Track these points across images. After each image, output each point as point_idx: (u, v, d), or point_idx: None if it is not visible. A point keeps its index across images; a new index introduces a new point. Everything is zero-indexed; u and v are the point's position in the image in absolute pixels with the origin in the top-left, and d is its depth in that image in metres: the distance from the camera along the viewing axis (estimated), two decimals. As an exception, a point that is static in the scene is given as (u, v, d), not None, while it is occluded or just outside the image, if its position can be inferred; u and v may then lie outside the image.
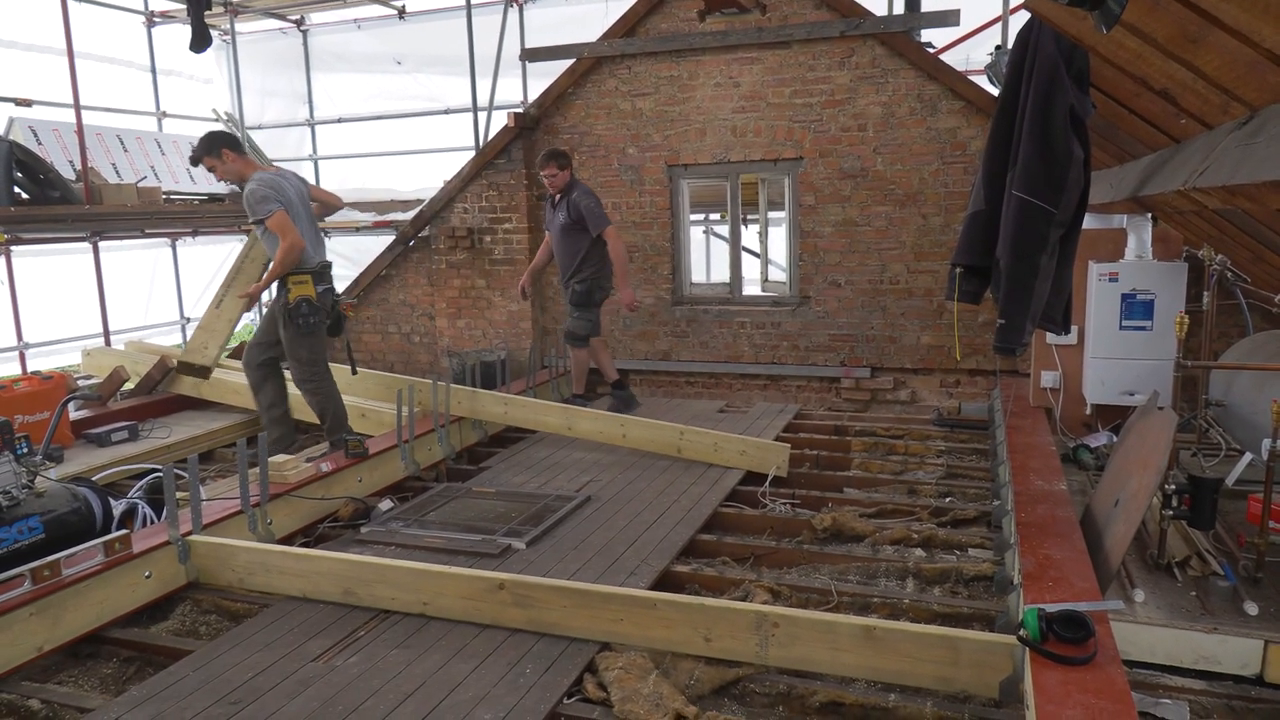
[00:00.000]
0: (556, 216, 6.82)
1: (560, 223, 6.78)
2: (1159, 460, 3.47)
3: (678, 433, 5.96)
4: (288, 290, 5.51)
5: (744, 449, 5.73)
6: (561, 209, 6.76)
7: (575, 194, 6.72)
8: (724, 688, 3.28)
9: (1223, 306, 5.89)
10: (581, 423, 6.30)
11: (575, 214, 6.69)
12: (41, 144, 8.35)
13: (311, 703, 3.11)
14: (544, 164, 6.76)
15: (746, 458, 5.71)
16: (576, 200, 6.69)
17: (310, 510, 4.87)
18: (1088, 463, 5.37)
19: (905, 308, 7.39)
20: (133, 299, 10.05)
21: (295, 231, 5.41)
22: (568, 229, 6.76)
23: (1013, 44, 4.06)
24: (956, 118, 7.03)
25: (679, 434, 5.95)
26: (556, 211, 6.82)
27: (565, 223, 6.74)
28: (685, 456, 5.88)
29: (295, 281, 5.51)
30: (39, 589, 3.51)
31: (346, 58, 11.06)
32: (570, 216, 6.71)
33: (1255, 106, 2.64)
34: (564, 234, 6.80)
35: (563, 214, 6.74)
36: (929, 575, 4.15)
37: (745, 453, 5.72)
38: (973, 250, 4.17)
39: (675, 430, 5.99)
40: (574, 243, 6.80)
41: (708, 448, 5.84)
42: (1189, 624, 3.45)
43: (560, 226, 6.79)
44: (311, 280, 5.57)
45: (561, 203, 6.77)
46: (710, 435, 5.87)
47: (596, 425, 6.26)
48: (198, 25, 6.73)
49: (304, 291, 5.51)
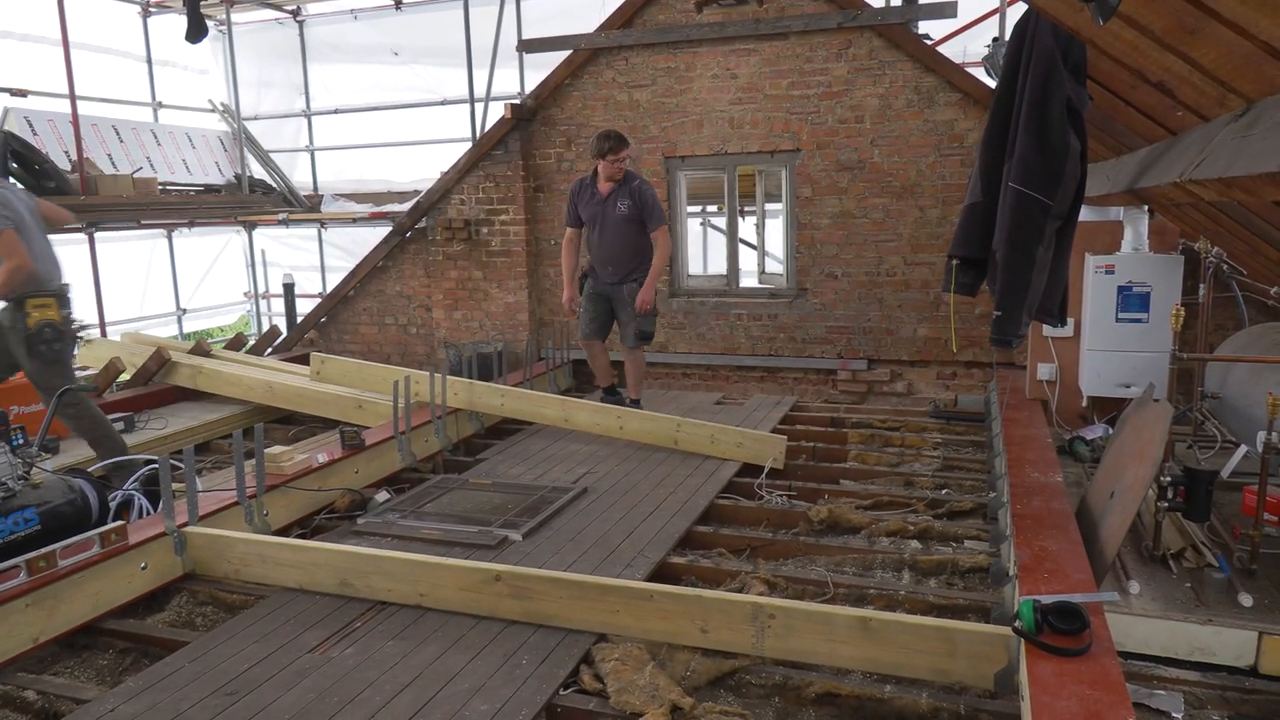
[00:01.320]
0: (613, 207, 6.21)
1: (621, 214, 6.20)
2: (1154, 452, 3.48)
3: (674, 425, 5.96)
4: (26, 315, 5.02)
5: (740, 441, 5.73)
6: (622, 198, 6.18)
7: (637, 182, 6.23)
8: (720, 679, 3.29)
9: (1219, 299, 5.91)
10: (579, 415, 6.30)
11: (640, 202, 6.17)
12: (37, 134, 8.32)
13: (308, 694, 3.11)
14: (618, 146, 6.07)
15: (743, 450, 5.71)
16: (640, 189, 6.20)
17: (307, 502, 4.86)
18: (1083, 455, 5.38)
19: (902, 300, 7.39)
20: (128, 290, 10.02)
21: (24, 253, 4.93)
22: (629, 220, 6.22)
23: (1010, 36, 4.05)
24: (954, 110, 7.02)
25: (676, 426, 5.95)
26: (611, 201, 6.21)
27: (627, 213, 6.19)
28: (682, 449, 5.88)
29: (36, 305, 5.04)
30: (35, 580, 3.51)
31: (343, 48, 11.02)
32: (635, 206, 6.18)
33: (1251, 99, 2.64)
34: (623, 225, 6.24)
35: (624, 203, 6.17)
36: (925, 567, 4.16)
37: (742, 445, 5.72)
38: (969, 242, 4.17)
39: (672, 422, 5.98)
40: (634, 235, 6.27)
41: (704, 440, 5.83)
42: (1184, 615, 3.46)
43: (620, 218, 6.21)
44: (55, 303, 5.12)
45: (620, 191, 6.19)
46: (707, 427, 5.87)
47: (594, 417, 6.26)
48: (193, 15, 6.72)
49: (47, 315, 5.06)
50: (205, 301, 11.25)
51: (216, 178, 10.51)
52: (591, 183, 6.32)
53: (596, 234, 6.37)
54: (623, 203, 6.20)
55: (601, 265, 6.44)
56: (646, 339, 6.53)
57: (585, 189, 6.37)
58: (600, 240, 6.36)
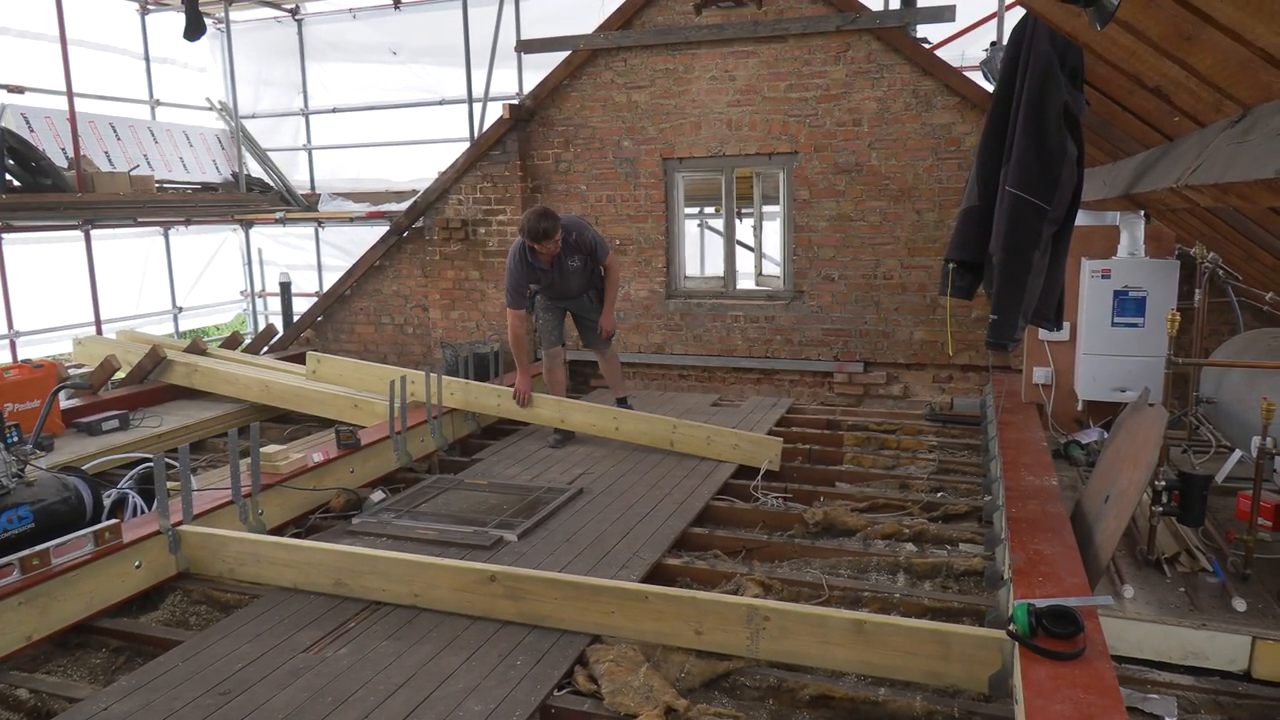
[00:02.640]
0: (567, 267, 6.07)
1: (574, 268, 6.10)
2: (1149, 457, 3.48)
3: (670, 426, 5.96)
4: None
5: (737, 443, 5.74)
6: (570, 257, 6.03)
7: (574, 236, 5.99)
8: (714, 681, 3.29)
9: (1214, 304, 5.91)
10: (575, 415, 6.29)
11: (588, 248, 6.08)
12: (34, 131, 8.30)
13: (301, 694, 3.11)
14: (550, 233, 5.73)
15: (739, 451, 5.71)
16: (579, 240, 6.02)
17: (302, 501, 4.86)
18: (1079, 459, 5.39)
19: (899, 303, 7.40)
20: (125, 288, 10.00)
21: None
22: (582, 269, 6.16)
23: (1008, 40, 4.06)
24: (951, 113, 7.03)
25: (672, 427, 5.95)
26: (558, 263, 6.03)
27: (580, 265, 6.11)
28: (678, 450, 5.88)
29: None
30: (28, 578, 3.50)
31: (342, 47, 11.01)
32: (583, 256, 6.09)
33: (1247, 105, 2.65)
34: (579, 274, 6.17)
35: (574, 260, 6.06)
36: (920, 570, 4.16)
37: (738, 446, 5.72)
38: (966, 246, 4.18)
39: (668, 424, 5.98)
40: (592, 273, 6.29)
41: (700, 441, 5.84)
42: (1177, 620, 3.47)
43: (575, 270, 6.11)
44: None
45: (565, 252, 5.99)
46: (703, 429, 5.87)
47: (589, 418, 6.25)
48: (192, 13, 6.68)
49: None
50: (201, 300, 11.23)
51: (214, 176, 10.49)
52: (533, 256, 5.96)
53: (556, 288, 6.24)
54: (572, 260, 6.07)
55: (560, 300, 6.37)
56: (612, 336, 6.58)
57: (529, 266, 6.01)
58: (562, 290, 6.26)
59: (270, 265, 11.39)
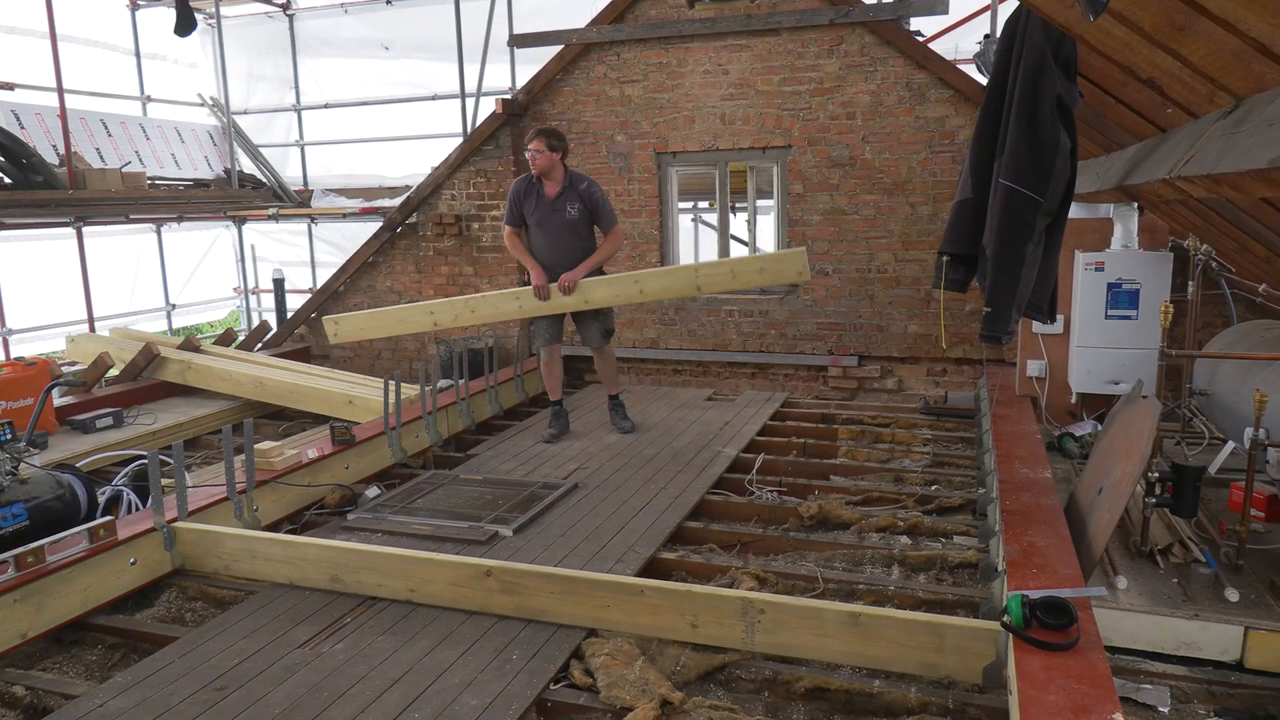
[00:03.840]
0: (560, 210, 6.04)
1: (571, 217, 6.03)
2: (1143, 448, 3.49)
3: (694, 272, 6.01)
4: None
5: (761, 266, 5.85)
6: (571, 201, 6.01)
7: (585, 185, 6.05)
8: (710, 674, 3.30)
9: (1207, 296, 5.93)
10: (596, 292, 6.07)
11: (591, 205, 6.04)
12: (24, 128, 8.27)
13: (297, 689, 3.11)
14: (532, 137, 5.93)
15: (765, 274, 5.82)
16: (590, 191, 6.03)
17: (297, 497, 4.85)
18: (1072, 451, 5.40)
19: (893, 296, 7.41)
20: (117, 285, 9.97)
21: None
22: (577, 223, 6.08)
23: (1001, 33, 4.06)
24: (945, 106, 7.03)
25: (695, 273, 6.00)
26: (558, 203, 6.03)
27: (577, 216, 6.04)
28: (705, 292, 6.16)
29: None
30: (23, 575, 3.50)
31: (333, 42, 10.98)
32: (585, 208, 6.05)
33: (1240, 96, 2.65)
34: (572, 228, 6.07)
35: (574, 207, 6.01)
36: (914, 562, 4.17)
37: (764, 269, 5.82)
38: (960, 239, 4.18)
39: (690, 270, 6.06)
40: (583, 237, 6.16)
41: (726, 277, 5.92)
42: (1171, 610, 3.48)
43: (569, 221, 6.04)
44: None
45: (569, 194, 6.01)
46: (726, 263, 6.09)
47: (612, 289, 6.10)
48: (182, 8, 6.65)
49: None
50: (195, 297, 11.20)
51: (206, 172, 10.46)
52: (538, 184, 6.05)
53: (544, 237, 6.13)
54: (572, 206, 6.02)
55: (550, 268, 6.14)
56: (611, 334, 6.39)
57: (531, 190, 6.07)
58: (548, 243, 6.13)
59: (263, 262, 11.36)
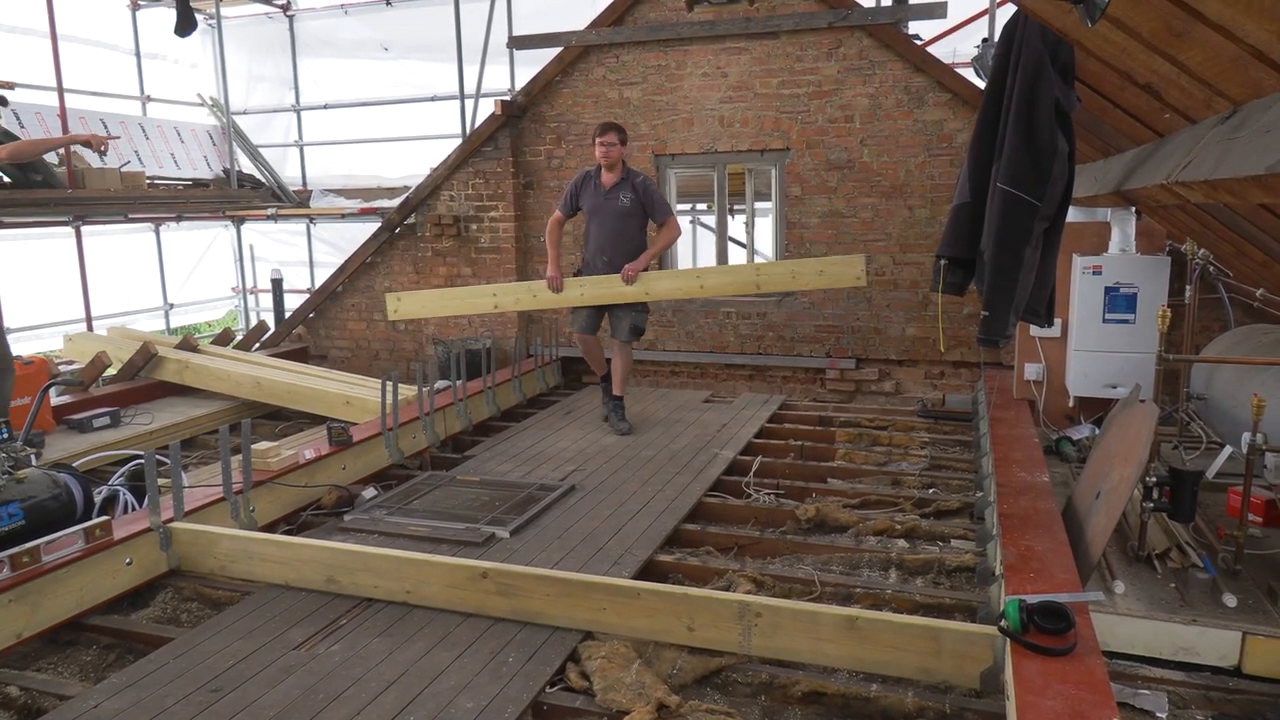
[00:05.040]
0: (614, 199, 6.26)
1: (623, 206, 6.26)
2: (1140, 453, 3.49)
3: (755, 271, 6.53)
4: None
5: (821, 269, 6.26)
6: (625, 191, 6.24)
7: (640, 179, 6.31)
8: (706, 677, 3.29)
9: (1205, 300, 5.93)
10: (659, 284, 6.53)
11: (645, 197, 6.26)
12: (24, 127, 8.25)
13: (293, 690, 3.10)
14: (603, 132, 6.17)
15: (825, 277, 6.25)
16: (645, 184, 6.28)
17: (293, 498, 4.85)
18: (1070, 455, 5.40)
19: (891, 299, 7.41)
20: (116, 284, 9.95)
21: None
22: (629, 213, 6.29)
23: (999, 37, 4.06)
24: (943, 110, 7.04)
25: (756, 272, 6.49)
26: (614, 193, 6.26)
27: (629, 206, 6.26)
28: (765, 290, 6.55)
29: None
30: (18, 575, 3.49)
31: (333, 43, 10.97)
32: (638, 199, 6.26)
33: (1238, 101, 2.65)
34: (622, 218, 6.31)
35: (627, 197, 6.24)
36: (912, 566, 4.17)
37: (823, 272, 6.24)
38: (958, 242, 4.18)
39: (752, 269, 6.61)
40: (634, 228, 6.38)
41: (786, 277, 6.40)
42: (1168, 615, 3.48)
43: (621, 210, 6.28)
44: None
45: (624, 185, 6.25)
46: (787, 264, 6.52)
47: (675, 283, 6.61)
48: (182, 8, 6.65)
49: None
50: (193, 296, 11.19)
51: (205, 172, 10.44)
52: (596, 175, 6.35)
53: (595, 224, 6.41)
54: (625, 196, 6.26)
55: (597, 254, 6.42)
56: (639, 333, 6.54)
57: (589, 180, 6.39)
58: (599, 230, 6.40)
59: (262, 262, 11.36)
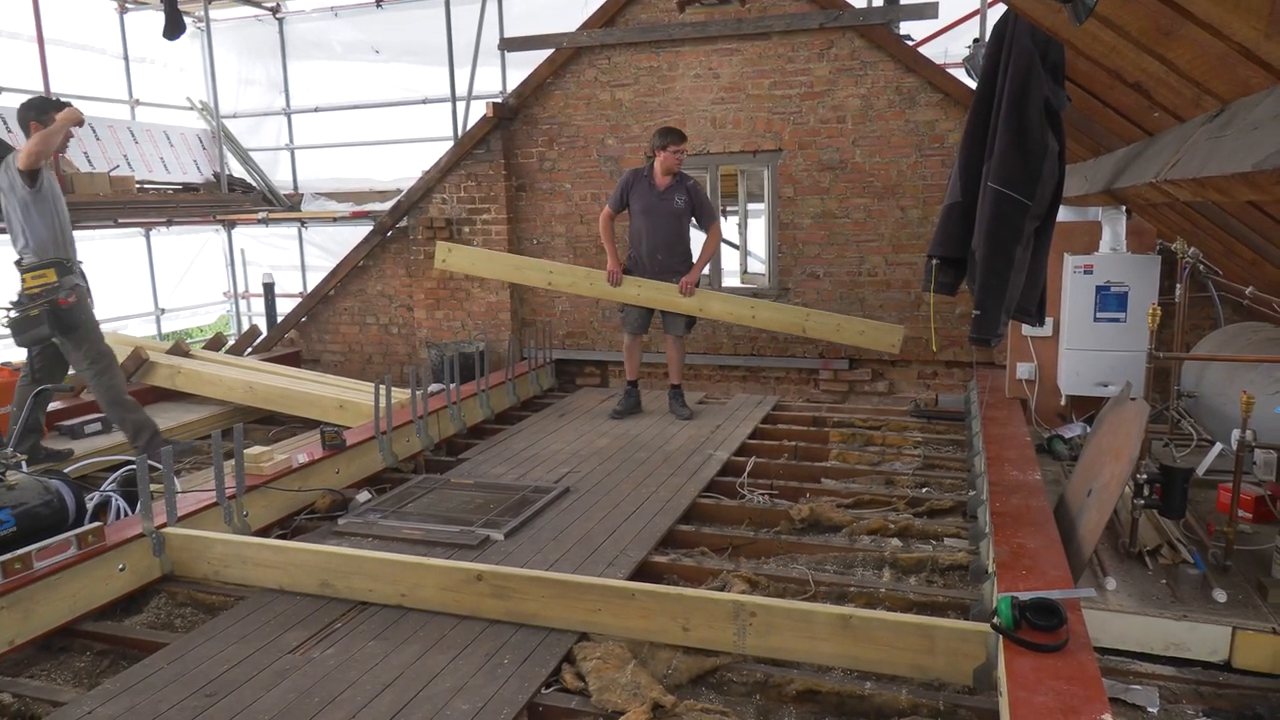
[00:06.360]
0: (669, 200, 6.56)
1: (678, 207, 6.58)
2: (1131, 450, 3.51)
3: (804, 315, 6.90)
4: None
5: (863, 330, 6.78)
6: (679, 193, 6.55)
7: (691, 182, 6.62)
8: (702, 677, 3.30)
9: (1195, 299, 5.96)
10: (713, 304, 6.91)
11: (696, 200, 6.59)
12: (11, 131, 8.22)
13: (288, 694, 3.10)
14: (679, 140, 6.44)
15: (865, 337, 6.76)
16: (696, 188, 6.62)
17: (287, 502, 4.83)
18: (1062, 453, 5.42)
19: (883, 300, 7.43)
20: (106, 290, 9.86)
21: None
22: (682, 214, 6.63)
23: (989, 37, 4.08)
24: (934, 110, 7.06)
25: (805, 316, 6.89)
26: (669, 194, 6.55)
27: (682, 207, 6.58)
28: (810, 336, 6.94)
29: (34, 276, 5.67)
30: (10, 582, 3.47)
31: (323, 46, 10.96)
32: (691, 201, 6.58)
33: (1226, 100, 2.67)
34: (676, 218, 6.65)
35: (680, 198, 6.56)
36: (905, 565, 4.18)
37: (864, 333, 6.75)
38: (949, 242, 4.19)
39: (802, 314, 6.93)
40: (685, 229, 6.75)
41: (831, 328, 6.82)
42: (1159, 611, 3.50)
43: (676, 211, 6.60)
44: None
45: (677, 187, 6.55)
46: (834, 317, 6.88)
47: (728, 307, 6.99)
48: (171, 11, 6.63)
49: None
50: (184, 301, 11.16)
51: (195, 176, 10.42)
52: (648, 175, 6.58)
53: (649, 224, 6.66)
54: (680, 198, 6.56)
55: (651, 253, 6.72)
56: (693, 324, 6.98)
57: (641, 180, 6.61)
58: (652, 230, 6.68)
59: (253, 266, 11.34)
